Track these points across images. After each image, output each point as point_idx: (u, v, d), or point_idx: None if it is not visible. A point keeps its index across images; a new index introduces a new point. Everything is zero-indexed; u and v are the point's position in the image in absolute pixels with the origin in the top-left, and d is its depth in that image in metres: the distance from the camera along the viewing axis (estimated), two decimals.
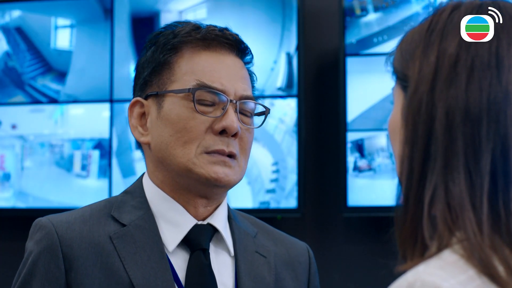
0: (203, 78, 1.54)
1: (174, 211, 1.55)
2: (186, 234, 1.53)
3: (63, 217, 1.53)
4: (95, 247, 1.49)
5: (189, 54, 1.56)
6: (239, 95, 1.56)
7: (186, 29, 1.58)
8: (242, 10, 3.43)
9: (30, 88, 3.67)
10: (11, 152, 3.66)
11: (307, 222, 3.44)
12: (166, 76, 1.56)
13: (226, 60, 1.58)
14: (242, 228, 1.63)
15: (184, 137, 1.52)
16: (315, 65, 3.45)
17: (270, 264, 1.61)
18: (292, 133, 3.36)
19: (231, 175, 1.54)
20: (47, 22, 3.68)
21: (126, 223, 1.53)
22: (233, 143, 1.54)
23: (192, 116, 1.52)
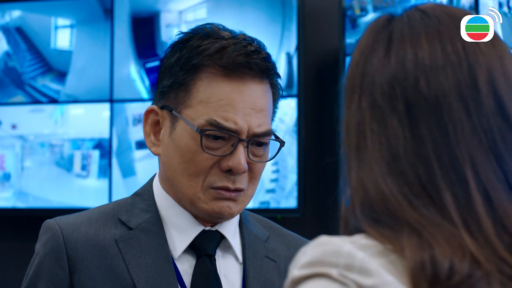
0: (216, 114, 1.48)
1: (182, 217, 1.54)
2: (192, 240, 1.53)
3: (71, 219, 1.54)
4: (100, 250, 1.49)
5: (208, 80, 1.50)
6: (252, 133, 1.50)
7: (210, 49, 1.50)
8: (242, 10, 3.43)
9: (30, 88, 3.67)
10: (11, 152, 3.66)
11: (307, 222, 3.44)
12: (182, 97, 1.51)
13: (247, 89, 1.50)
14: (253, 232, 1.62)
15: (191, 169, 1.49)
16: (315, 65, 3.45)
17: (280, 269, 1.60)
18: (292, 133, 3.36)
19: (234, 208, 1.51)
20: (47, 22, 3.68)
21: (133, 226, 1.53)
22: (240, 178, 1.50)
23: (200, 150, 1.48)
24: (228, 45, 1.49)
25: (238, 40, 1.50)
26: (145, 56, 3.55)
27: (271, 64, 1.54)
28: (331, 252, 0.92)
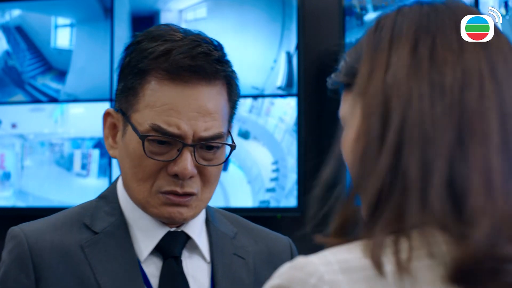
0: (160, 118, 1.45)
1: (146, 219, 1.52)
2: (158, 242, 1.51)
3: (36, 226, 1.52)
4: (66, 256, 1.48)
5: (154, 84, 1.47)
6: (198, 137, 1.46)
7: (155, 52, 1.47)
8: (242, 9, 3.43)
9: (30, 87, 3.67)
10: (11, 151, 3.66)
11: (307, 221, 3.44)
12: (131, 101, 1.49)
13: (193, 93, 1.46)
14: (220, 230, 1.60)
15: (139, 174, 1.48)
16: (315, 64, 3.45)
17: (249, 266, 1.58)
18: (292, 132, 3.36)
19: (186, 213, 1.48)
20: (47, 21, 3.68)
21: (98, 230, 1.51)
22: (190, 182, 1.47)
23: (146, 156, 1.46)
24: (173, 48, 1.46)
25: (185, 42, 1.46)
26: None
27: (222, 66, 1.49)
28: (298, 280, 0.90)
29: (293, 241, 1.72)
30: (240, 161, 3.39)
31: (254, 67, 3.39)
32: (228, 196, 3.39)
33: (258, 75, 3.40)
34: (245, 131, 3.40)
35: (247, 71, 3.37)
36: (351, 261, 0.91)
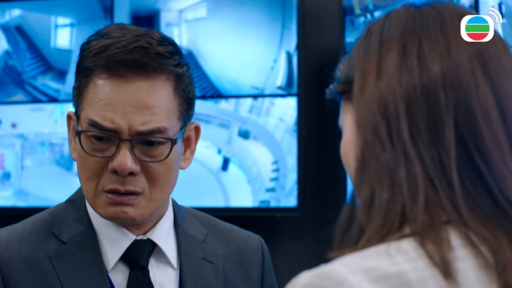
0: (97, 114, 1.43)
1: (112, 228, 1.51)
2: (124, 251, 1.50)
3: (3, 235, 1.51)
4: (34, 268, 1.47)
5: (95, 81, 1.46)
6: (135, 131, 1.43)
7: (95, 49, 1.46)
8: (242, 8, 3.43)
9: (30, 87, 3.67)
10: (11, 151, 3.66)
11: (307, 221, 3.44)
12: (78, 100, 1.49)
13: (129, 87, 1.44)
14: (189, 233, 1.58)
15: (85, 173, 1.46)
16: (315, 64, 3.45)
17: (218, 271, 1.56)
18: (292, 132, 3.36)
19: (133, 212, 1.46)
20: (47, 21, 3.68)
21: (65, 240, 1.50)
22: (132, 180, 1.44)
23: (86, 153, 1.45)
24: (111, 44, 1.45)
25: (125, 38, 1.45)
26: None
27: (165, 60, 1.46)
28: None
29: (293, 241, 1.71)
30: (240, 161, 3.39)
31: (254, 67, 3.39)
32: (228, 196, 3.39)
33: (258, 75, 3.40)
34: (245, 131, 3.40)
35: (247, 71, 3.37)
36: (378, 270, 0.89)
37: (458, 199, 0.93)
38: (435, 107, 0.95)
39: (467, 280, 0.90)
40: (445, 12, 1.01)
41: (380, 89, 0.97)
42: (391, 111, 0.96)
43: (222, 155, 3.38)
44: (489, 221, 0.93)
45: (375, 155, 0.96)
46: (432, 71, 0.96)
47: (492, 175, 0.94)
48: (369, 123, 0.97)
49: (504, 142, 0.95)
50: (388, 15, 1.03)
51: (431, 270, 0.89)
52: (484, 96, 0.96)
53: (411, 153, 0.94)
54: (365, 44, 1.02)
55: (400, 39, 0.99)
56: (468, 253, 0.91)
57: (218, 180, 3.36)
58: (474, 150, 0.94)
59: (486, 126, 0.95)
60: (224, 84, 3.38)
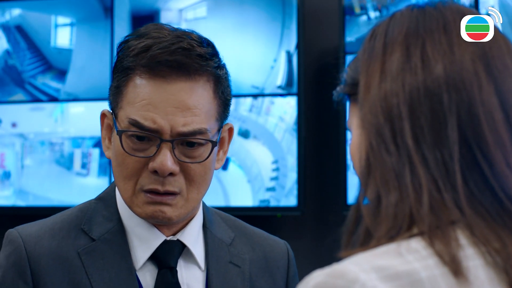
0: (138, 113, 1.44)
1: (142, 227, 1.51)
2: (154, 251, 1.50)
3: (33, 230, 1.52)
4: (63, 263, 1.48)
5: (136, 80, 1.46)
6: (176, 132, 1.43)
7: (135, 50, 1.46)
8: (242, 8, 3.43)
9: (30, 86, 3.67)
10: (11, 151, 3.66)
11: (307, 220, 3.44)
12: (117, 100, 1.49)
13: (171, 88, 1.44)
14: (217, 236, 1.58)
15: (123, 172, 1.46)
16: (315, 63, 3.45)
17: (245, 274, 1.56)
18: (292, 131, 3.36)
19: (171, 212, 1.46)
20: (47, 20, 3.68)
21: (95, 237, 1.50)
22: (171, 180, 1.45)
23: (125, 152, 1.46)
24: (153, 44, 1.45)
25: (167, 38, 1.45)
26: None
27: (206, 62, 1.46)
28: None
29: (293, 240, 1.72)
30: (240, 160, 3.39)
31: (254, 66, 3.39)
32: (228, 195, 3.39)
33: (258, 74, 3.40)
34: (245, 130, 3.40)
35: (247, 70, 3.37)
36: (389, 269, 0.89)
37: (461, 200, 0.93)
38: (439, 108, 0.95)
39: (478, 279, 0.90)
40: (448, 12, 1.01)
41: (384, 92, 0.98)
42: (395, 114, 0.96)
43: None
44: (494, 220, 0.93)
45: (380, 158, 0.96)
46: (435, 72, 0.96)
47: (495, 176, 0.94)
48: (373, 126, 0.97)
49: (507, 142, 0.96)
50: (392, 17, 1.03)
51: (441, 269, 0.89)
52: (487, 96, 0.96)
53: (415, 155, 0.95)
54: (370, 46, 1.02)
55: (404, 41, 0.99)
56: (475, 252, 0.91)
57: (218, 179, 3.36)
58: (477, 151, 0.94)
59: (489, 126, 0.95)
60: None
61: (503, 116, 0.96)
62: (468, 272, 0.90)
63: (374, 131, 0.97)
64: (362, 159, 0.99)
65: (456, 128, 0.95)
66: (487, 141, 0.95)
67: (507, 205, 0.94)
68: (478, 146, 0.95)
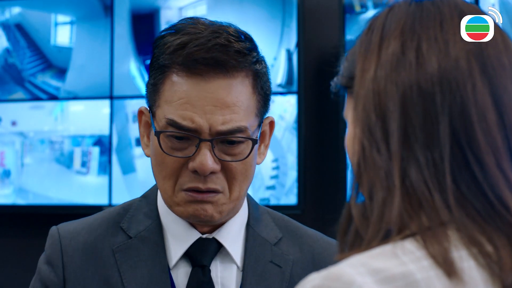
0: (176, 113, 1.41)
1: (178, 224, 1.50)
2: (187, 249, 1.48)
3: (73, 226, 1.53)
4: (97, 259, 1.48)
5: (173, 78, 1.43)
6: (216, 131, 1.41)
7: (171, 47, 1.42)
8: (242, 6, 3.43)
9: (30, 84, 3.67)
10: (11, 149, 3.66)
11: (307, 219, 3.44)
12: (154, 98, 1.46)
13: (209, 86, 1.41)
14: (261, 235, 1.54)
15: (163, 172, 1.44)
16: (315, 61, 3.45)
17: (285, 274, 1.52)
18: (292, 130, 3.36)
19: (212, 210, 1.44)
20: (47, 19, 3.68)
21: (132, 235, 1.50)
22: (213, 178, 1.42)
23: (164, 152, 1.43)
24: (189, 41, 1.41)
25: (203, 34, 1.41)
26: (145, 53, 3.55)
27: (244, 57, 1.43)
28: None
29: None
30: None
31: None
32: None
33: None
34: None
35: None
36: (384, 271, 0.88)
37: (450, 201, 0.92)
38: (431, 108, 0.94)
39: (473, 279, 0.90)
40: (446, 9, 1.00)
41: (377, 90, 0.97)
42: (387, 112, 0.96)
43: None
44: (485, 222, 0.92)
45: (371, 157, 0.96)
46: (429, 71, 0.96)
47: (485, 178, 0.93)
48: (366, 125, 0.97)
49: (500, 144, 0.94)
50: (390, 10, 1.02)
51: (436, 270, 0.89)
52: (481, 97, 0.95)
53: (405, 155, 0.94)
54: (366, 40, 1.01)
55: (400, 36, 0.98)
56: (468, 253, 0.91)
57: None
58: (469, 152, 0.94)
59: (481, 128, 0.94)
60: None
61: (496, 117, 0.95)
62: (463, 273, 0.89)
63: (366, 129, 0.97)
64: (355, 156, 0.99)
65: (448, 129, 0.94)
66: (479, 143, 0.94)
67: (498, 207, 0.93)
68: (469, 148, 0.94)
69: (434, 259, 0.89)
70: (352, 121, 1.02)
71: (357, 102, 0.99)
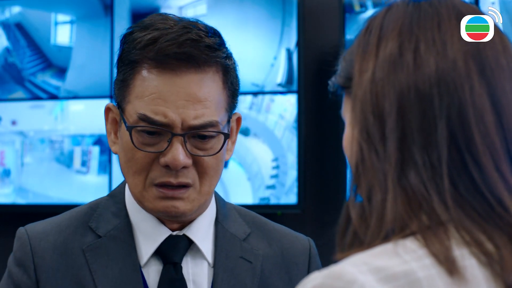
0: (148, 108, 1.41)
1: (148, 221, 1.50)
2: (158, 246, 1.49)
3: (41, 227, 1.53)
4: (67, 259, 1.48)
5: (144, 73, 1.43)
6: (188, 126, 1.41)
7: (142, 42, 1.42)
8: (242, 6, 3.43)
9: (30, 84, 3.67)
10: (11, 148, 3.66)
11: (307, 218, 3.44)
12: (124, 93, 1.46)
13: (181, 80, 1.42)
14: (230, 231, 1.55)
15: (133, 167, 1.44)
16: (315, 61, 3.45)
17: (255, 270, 1.53)
18: (292, 129, 3.36)
19: (183, 206, 1.44)
20: (47, 18, 3.68)
21: (101, 234, 1.50)
22: (184, 172, 1.43)
23: (136, 148, 1.43)
24: (160, 36, 1.41)
25: (174, 30, 1.41)
26: None
27: (214, 52, 1.43)
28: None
29: None
30: (240, 158, 3.39)
31: (254, 64, 3.39)
32: (228, 193, 3.39)
33: (258, 72, 3.40)
34: (245, 128, 3.40)
35: (247, 68, 3.36)
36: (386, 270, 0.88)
37: (448, 202, 0.92)
38: (429, 110, 0.94)
39: (475, 277, 0.90)
40: (443, 10, 1.00)
41: (375, 91, 0.97)
42: (384, 114, 0.96)
43: None
44: (485, 222, 0.92)
45: (369, 159, 0.96)
46: (427, 71, 0.95)
47: (483, 180, 0.93)
48: (364, 126, 0.97)
49: (498, 145, 0.94)
50: (388, 10, 1.02)
51: (438, 268, 0.89)
52: (479, 98, 0.95)
53: (403, 156, 0.94)
54: (364, 41, 1.01)
55: (397, 37, 0.98)
56: (469, 252, 0.91)
57: None
58: (466, 154, 0.94)
59: (479, 129, 0.94)
60: None
61: (494, 118, 0.95)
62: (464, 271, 0.89)
63: (364, 131, 0.97)
64: (353, 158, 0.99)
65: (446, 131, 0.94)
66: (477, 145, 0.94)
67: (497, 208, 0.93)
68: (467, 149, 0.94)
69: (435, 257, 0.89)
70: (349, 122, 1.02)
71: (355, 103, 0.99)
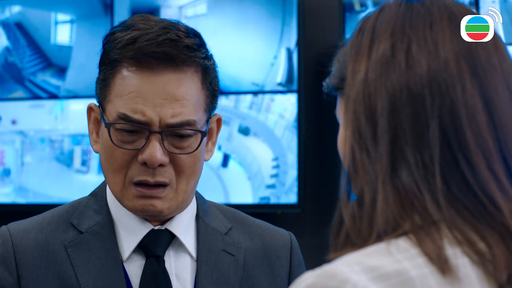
0: (127, 106, 1.45)
1: (130, 217, 1.52)
2: (140, 241, 1.51)
3: (23, 224, 1.54)
4: (49, 256, 1.49)
5: (123, 73, 1.47)
6: (165, 124, 1.44)
7: (122, 42, 1.46)
8: (242, 5, 3.43)
9: (30, 83, 3.67)
10: (11, 148, 3.66)
11: (307, 218, 3.44)
12: (105, 93, 1.50)
13: (159, 79, 1.45)
14: (211, 226, 1.58)
15: (113, 165, 1.47)
16: (315, 60, 3.45)
17: (238, 262, 1.56)
18: (292, 129, 3.36)
19: (161, 205, 1.47)
20: (47, 17, 3.68)
21: (83, 230, 1.52)
22: (161, 171, 1.45)
23: (114, 145, 1.46)
24: (139, 36, 1.45)
25: (153, 30, 1.44)
26: None
27: (193, 53, 1.46)
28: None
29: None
30: (240, 157, 3.39)
31: (254, 64, 3.39)
32: (228, 192, 3.39)
33: (258, 72, 3.40)
34: (245, 127, 3.40)
35: (247, 67, 3.37)
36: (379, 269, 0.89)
37: (440, 201, 0.92)
38: (421, 109, 0.95)
39: (468, 276, 0.90)
40: (435, 10, 1.00)
41: (368, 92, 0.97)
42: (376, 115, 0.96)
43: (222, 152, 3.38)
44: (477, 221, 0.92)
45: (361, 160, 0.96)
46: (419, 72, 0.96)
47: (476, 179, 0.93)
48: (356, 127, 0.97)
49: (491, 145, 0.94)
50: (381, 11, 1.03)
51: (430, 267, 0.89)
52: (471, 98, 0.95)
53: (395, 157, 0.94)
54: (357, 42, 1.02)
55: (390, 38, 0.98)
56: (460, 251, 0.91)
57: (218, 176, 3.36)
58: (459, 153, 0.94)
59: (471, 129, 0.94)
60: (224, 80, 3.37)
61: (486, 118, 0.95)
62: (457, 270, 0.90)
63: (356, 132, 0.97)
64: (346, 159, 0.99)
65: (438, 131, 0.94)
66: (469, 144, 0.94)
67: (489, 208, 0.93)
68: (459, 149, 0.94)
69: (428, 256, 0.90)
70: (343, 123, 1.02)
71: (348, 104, 0.99)
